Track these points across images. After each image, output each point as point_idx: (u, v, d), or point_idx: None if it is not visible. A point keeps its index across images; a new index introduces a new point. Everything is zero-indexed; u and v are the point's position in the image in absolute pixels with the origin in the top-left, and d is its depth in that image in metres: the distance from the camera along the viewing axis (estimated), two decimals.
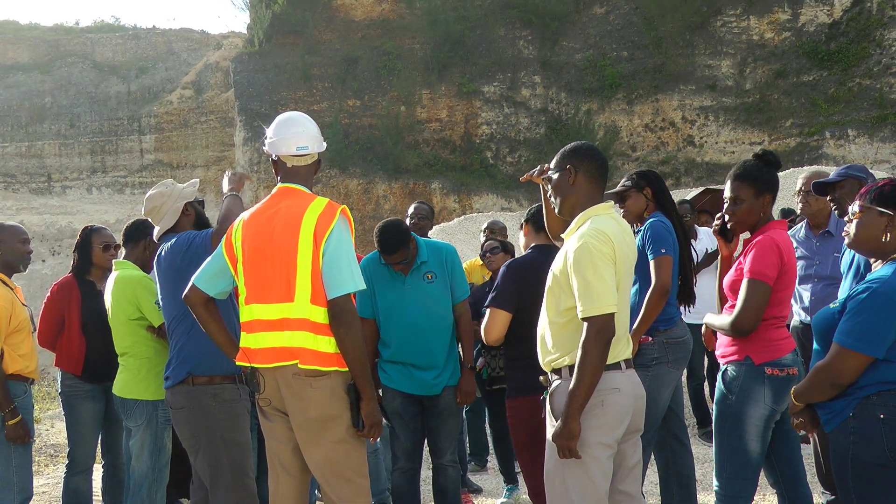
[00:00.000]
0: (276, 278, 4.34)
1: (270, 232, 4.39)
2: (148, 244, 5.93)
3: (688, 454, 5.92)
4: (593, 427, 4.06)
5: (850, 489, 3.86)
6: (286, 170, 4.58)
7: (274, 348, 4.33)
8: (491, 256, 7.39)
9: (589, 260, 4.05)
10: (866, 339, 3.73)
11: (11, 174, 45.44)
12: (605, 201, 4.38)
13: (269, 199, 4.58)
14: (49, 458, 10.95)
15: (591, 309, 4.00)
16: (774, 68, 35.67)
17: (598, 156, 4.42)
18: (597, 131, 36.02)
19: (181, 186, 5.41)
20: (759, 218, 4.65)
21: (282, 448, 4.49)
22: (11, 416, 5.69)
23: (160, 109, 46.40)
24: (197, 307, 4.58)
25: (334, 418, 4.31)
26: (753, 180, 4.63)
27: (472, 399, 6.19)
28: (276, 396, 4.39)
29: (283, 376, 4.32)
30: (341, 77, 38.92)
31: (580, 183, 4.31)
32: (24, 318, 5.91)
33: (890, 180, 3.98)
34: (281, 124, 4.62)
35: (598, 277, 4.02)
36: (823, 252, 6.23)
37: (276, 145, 4.58)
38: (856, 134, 33.29)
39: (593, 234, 4.11)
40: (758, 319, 4.48)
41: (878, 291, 3.74)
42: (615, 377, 4.13)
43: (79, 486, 6.44)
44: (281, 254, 4.34)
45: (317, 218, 4.32)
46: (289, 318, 4.30)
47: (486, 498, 7.63)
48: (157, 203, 5.33)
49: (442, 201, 35.86)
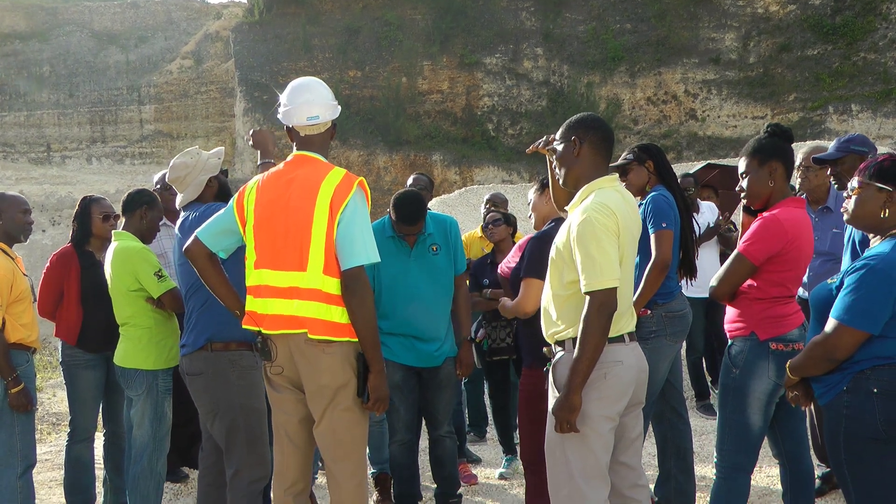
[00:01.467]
0: (288, 246, 4.33)
1: (286, 199, 4.38)
2: (144, 213, 5.93)
3: (686, 427, 5.95)
4: (595, 399, 4.08)
5: (843, 462, 3.89)
6: (300, 138, 4.55)
7: (282, 316, 4.34)
8: (493, 228, 7.39)
9: (592, 234, 4.04)
10: (863, 316, 3.74)
11: (10, 144, 45.37)
12: (611, 174, 4.37)
13: (284, 166, 4.55)
14: (51, 426, 11.01)
15: (594, 283, 4.00)
16: (778, 42, 35.57)
17: (603, 127, 4.38)
18: (599, 104, 35.95)
19: (206, 156, 5.36)
20: (769, 189, 4.59)
21: (289, 420, 4.51)
22: (14, 385, 5.72)
23: (160, 79, 46.27)
24: (198, 260, 4.57)
25: (345, 386, 4.33)
26: (756, 150, 4.62)
27: (471, 371, 6.23)
28: (289, 364, 4.40)
29: (295, 343, 4.33)
30: (342, 48, 38.80)
31: (585, 154, 4.30)
32: (24, 287, 5.92)
33: (889, 156, 3.98)
34: (293, 92, 4.57)
35: (601, 251, 4.02)
36: (822, 228, 6.23)
37: (289, 114, 4.53)
38: (859, 109, 33.24)
39: (596, 208, 4.10)
40: (732, 291, 4.55)
41: (876, 268, 3.75)
42: (619, 350, 4.15)
43: (80, 454, 6.48)
44: (296, 222, 4.33)
45: (334, 189, 4.31)
46: (299, 288, 4.29)
47: (484, 468, 7.67)
48: (182, 174, 5.31)
49: (443, 173, 35.85)
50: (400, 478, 6.13)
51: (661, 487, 5.91)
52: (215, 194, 5.36)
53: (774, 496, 6.15)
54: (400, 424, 6.04)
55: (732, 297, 4.60)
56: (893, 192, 3.86)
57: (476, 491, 7.00)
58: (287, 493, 4.54)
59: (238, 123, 41.41)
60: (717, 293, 4.61)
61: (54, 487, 7.66)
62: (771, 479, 6.51)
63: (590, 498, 4.08)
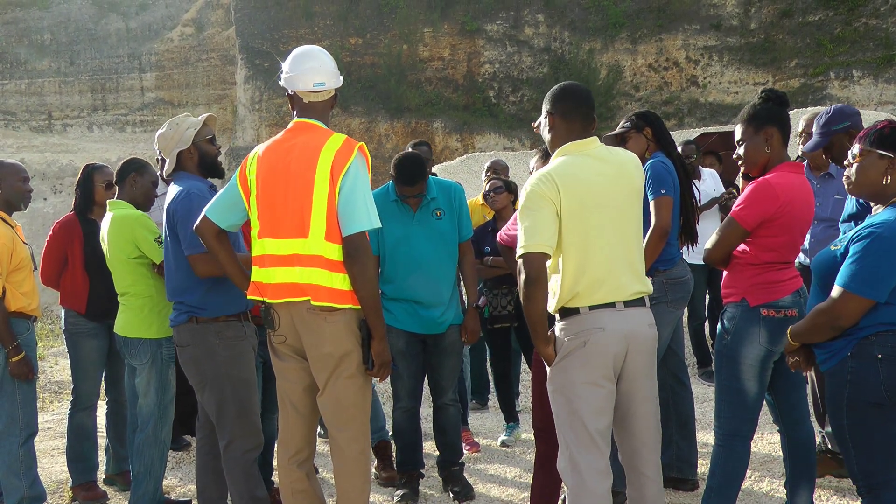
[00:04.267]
0: (289, 213, 4.33)
1: (286, 166, 4.37)
2: (134, 180, 5.87)
3: (688, 394, 5.96)
4: (577, 367, 4.11)
5: (845, 426, 3.91)
6: (302, 105, 4.54)
7: (285, 283, 4.35)
8: (495, 196, 7.37)
9: (525, 202, 4.10)
10: (869, 283, 3.74)
11: (11, 112, 45.27)
12: (588, 138, 4.29)
13: (284, 134, 4.54)
14: (53, 394, 11.04)
15: (520, 248, 4.08)
16: (780, 7, 35.39)
17: (574, 94, 4.32)
18: (600, 71, 35.83)
19: (184, 127, 5.30)
20: (766, 156, 4.56)
21: (293, 388, 4.52)
22: (15, 354, 5.72)
23: (161, 47, 46.11)
24: (208, 239, 4.57)
25: (348, 353, 4.35)
26: (750, 117, 4.60)
27: (476, 338, 6.22)
28: (292, 333, 4.41)
29: (297, 312, 4.34)
30: (343, 15, 38.64)
31: (558, 125, 4.30)
32: (24, 256, 5.91)
33: (889, 122, 3.96)
34: (297, 58, 4.55)
35: (529, 218, 4.07)
36: (824, 194, 6.21)
37: (293, 80, 4.52)
38: (861, 75, 33.11)
39: (537, 176, 4.13)
40: (725, 255, 4.56)
41: (883, 236, 3.74)
42: (600, 316, 4.13)
43: (83, 422, 6.50)
44: (296, 189, 4.32)
45: (334, 154, 4.30)
46: (301, 255, 4.30)
47: (486, 436, 7.70)
48: (161, 145, 5.29)
49: (444, 140, 35.79)
50: (402, 445, 6.15)
51: (662, 454, 5.93)
52: (197, 164, 5.28)
53: (776, 463, 6.17)
54: (403, 392, 6.06)
55: (726, 262, 4.60)
56: (895, 158, 3.85)
57: (478, 459, 7.02)
58: (292, 461, 4.56)
59: (239, 91, 41.30)
60: (711, 258, 4.63)
61: (56, 456, 7.69)
62: (772, 446, 6.53)
63: (582, 465, 4.11)
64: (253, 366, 5.14)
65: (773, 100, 4.61)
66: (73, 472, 6.51)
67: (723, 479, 4.63)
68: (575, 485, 4.14)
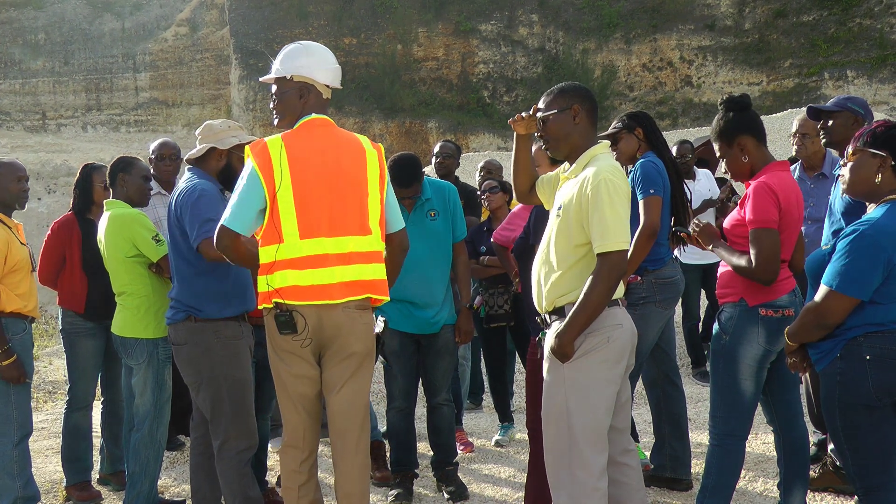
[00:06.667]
0: (349, 211, 4.28)
1: (336, 163, 4.29)
2: (123, 179, 5.86)
3: (678, 394, 5.97)
4: (601, 363, 4.11)
5: (839, 428, 3.93)
6: (321, 101, 4.43)
7: (350, 282, 4.26)
8: (489, 196, 7.37)
9: (608, 195, 4.04)
10: (853, 282, 3.76)
11: (6, 112, 45.19)
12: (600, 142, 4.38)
13: (305, 129, 4.36)
14: (47, 394, 11.02)
15: (608, 244, 4.01)
16: (774, 7, 35.42)
17: (593, 96, 4.44)
18: (594, 71, 35.83)
19: (233, 133, 5.24)
20: (747, 164, 4.59)
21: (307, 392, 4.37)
22: (5, 357, 5.63)
23: (155, 47, 46.06)
24: (231, 251, 4.26)
25: (370, 352, 4.39)
26: (720, 134, 4.63)
27: (470, 338, 6.24)
28: (320, 335, 4.27)
29: (329, 313, 4.22)
30: (337, 15, 38.61)
31: (583, 122, 4.30)
32: (21, 257, 5.87)
33: (883, 122, 3.98)
34: (322, 53, 4.48)
35: (614, 214, 4.04)
36: (818, 194, 6.23)
37: (320, 72, 4.42)
38: (855, 75, 33.15)
39: (611, 171, 4.12)
40: (776, 266, 4.43)
41: (866, 234, 3.76)
42: (618, 313, 4.18)
43: (79, 422, 6.49)
44: (353, 187, 4.31)
45: (376, 155, 4.42)
46: (360, 252, 4.28)
47: (480, 436, 7.70)
48: (205, 133, 5.25)
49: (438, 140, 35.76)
50: (397, 445, 6.15)
51: (656, 454, 5.94)
52: (219, 169, 5.25)
53: (770, 463, 6.18)
54: (397, 392, 6.06)
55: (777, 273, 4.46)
56: (887, 157, 3.87)
57: (472, 459, 7.03)
58: (302, 465, 4.42)
59: (233, 91, 41.26)
60: (767, 276, 4.42)
61: (50, 456, 7.68)
62: (767, 447, 6.53)
63: (591, 463, 4.09)
64: (249, 366, 5.14)
65: (733, 109, 4.63)
66: (68, 472, 6.50)
67: (718, 479, 4.63)
68: (582, 481, 4.10)
